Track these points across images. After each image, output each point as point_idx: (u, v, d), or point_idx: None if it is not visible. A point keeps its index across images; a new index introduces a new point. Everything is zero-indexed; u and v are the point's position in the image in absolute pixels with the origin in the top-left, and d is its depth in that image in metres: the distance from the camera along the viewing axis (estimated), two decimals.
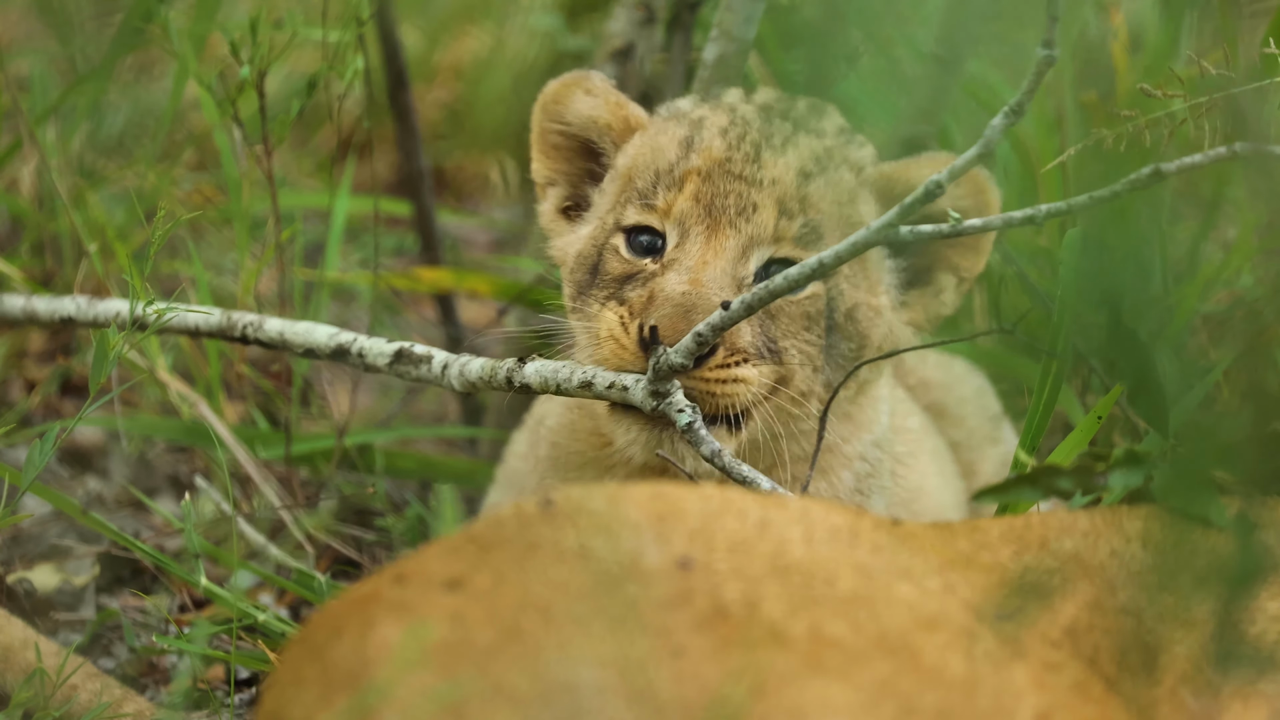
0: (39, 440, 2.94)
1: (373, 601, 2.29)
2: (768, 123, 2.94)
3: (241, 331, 3.12)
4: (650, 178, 2.92)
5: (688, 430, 2.75)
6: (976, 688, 2.23)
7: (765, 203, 2.88)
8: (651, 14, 3.64)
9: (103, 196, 3.91)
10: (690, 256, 2.85)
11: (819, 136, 2.96)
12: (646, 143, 2.97)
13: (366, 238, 3.95)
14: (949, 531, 2.49)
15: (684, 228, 2.87)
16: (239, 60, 3.36)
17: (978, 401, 3.37)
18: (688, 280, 2.82)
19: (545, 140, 3.05)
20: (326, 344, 3.07)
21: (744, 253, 2.86)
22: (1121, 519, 2.51)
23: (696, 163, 2.90)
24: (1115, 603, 2.41)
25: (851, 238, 2.66)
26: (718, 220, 2.87)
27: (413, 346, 3.01)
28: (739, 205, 2.87)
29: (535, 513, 2.34)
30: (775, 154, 2.91)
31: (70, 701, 3.01)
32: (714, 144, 2.91)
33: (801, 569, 2.30)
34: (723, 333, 2.73)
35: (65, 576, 3.45)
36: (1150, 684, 2.35)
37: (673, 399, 2.76)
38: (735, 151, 2.90)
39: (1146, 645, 2.37)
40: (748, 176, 2.89)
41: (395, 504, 3.68)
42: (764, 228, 2.87)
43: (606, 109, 3.02)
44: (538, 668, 2.17)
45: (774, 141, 2.92)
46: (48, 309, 3.28)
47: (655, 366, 2.74)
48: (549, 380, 2.83)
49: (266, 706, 2.31)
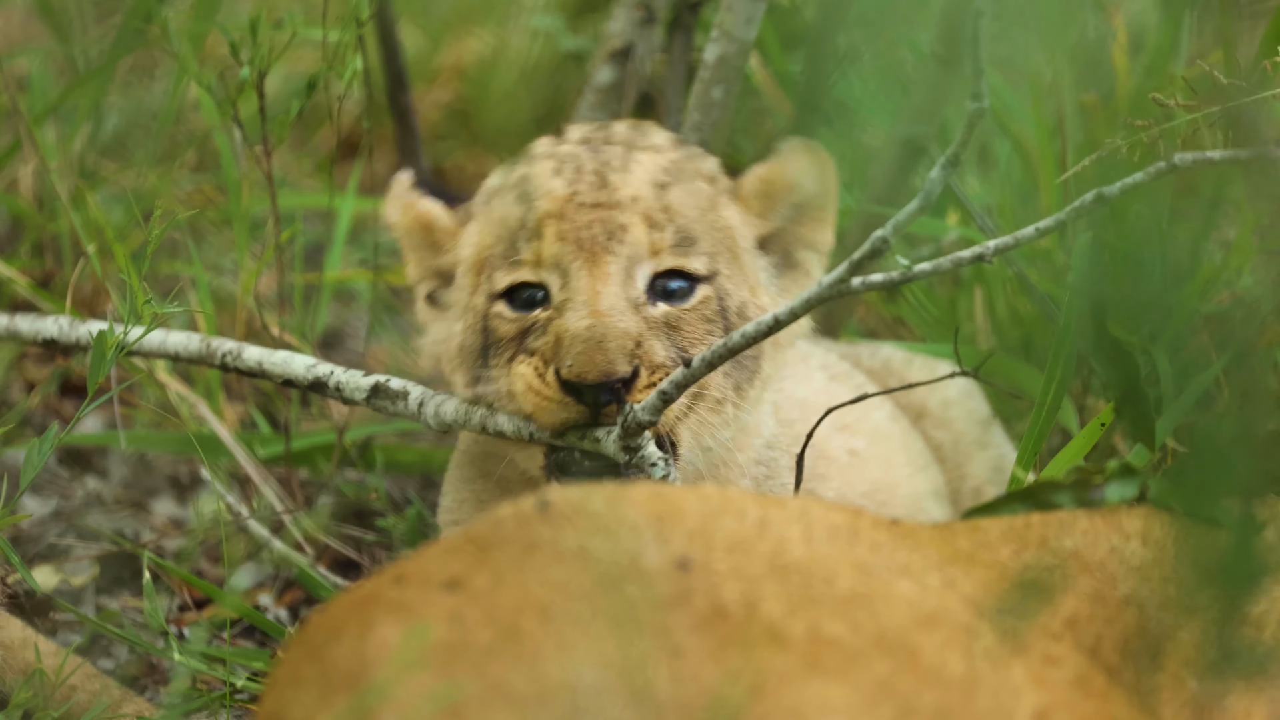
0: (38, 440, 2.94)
1: (372, 602, 2.29)
2: (595, 152, 2.93)
3: (221, 360, 3.11)
4: (503, 242, 2.90)
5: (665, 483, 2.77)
6: (975, 687, 2.23)
7: (632, 221, 2.86)
8: (652, 14, 3.64)
9: (102, 197, 3.91)
10: (580, 291, 2.82)
11: (657, 151, 2.95)
12: (486, 225, 2.95)
13: (366, 238, 3.95)
14: (948, 531, 2.49)
15: (561, 268, 2.85)
16: (239, 61, 3.35)
17: (964, 404, 3.37)
18: (588, 314, 2.80)
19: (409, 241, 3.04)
20: (304, 375, 3.06)
21: (628, 274, 2.84)
22: (1121, 518, 2.51)
23: (546, 207, 2.87)
24: (1116, 594, 2.41)
25: (804, 293, 2.68)
26: (592, 251, 2.84)
27: (389, 381, 3.00)
28: (607, 230, 2.85)
29: (534, 513, 2.34)
30: (621, 174, 2.90)
31: (70, 702, 3.01)
32: (553, 185, 2.89)
33: (800, 568, 2.30)
34: (684, 390, 2.73)
35: (64, 577, 3.45)
36: (1153, 669, 2.35)
37: (645, 452, 2.77)
38: (578, 184, 2.88)
39: (1149, 632, 2.37)
40: (604, 202, 2.87)
41: (395, 504, 3.67)
42: (639, 245, 2.86)
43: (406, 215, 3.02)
44: (537, 668, 2.17)
45: (614, 165, 2.91)
46: (30, 329, 3.26)
47: (624, 424, 2.74)
48: (521, 428, 2.84)
49: (266, 707, 2.31)
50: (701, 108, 3.46)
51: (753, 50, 3.49)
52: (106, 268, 3.58)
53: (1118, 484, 2.56)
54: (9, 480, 3.06)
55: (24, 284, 3.68)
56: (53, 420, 3.71)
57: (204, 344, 3.13)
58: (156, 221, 2.96)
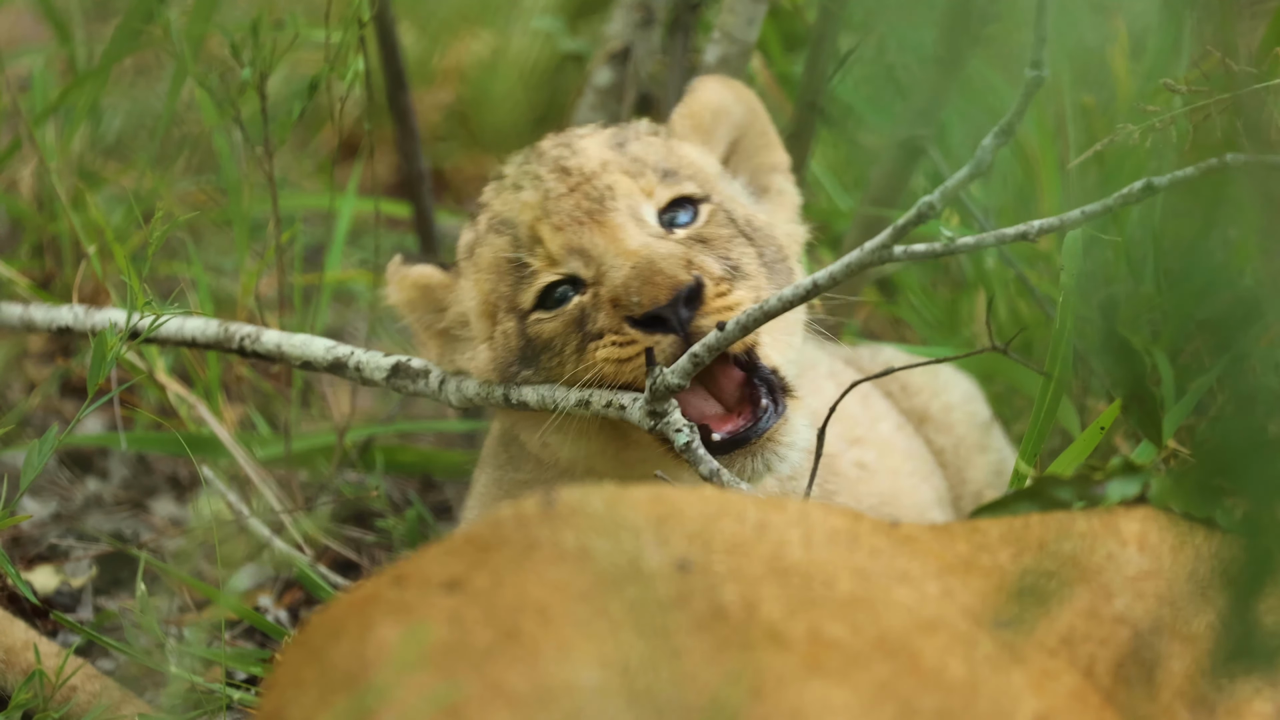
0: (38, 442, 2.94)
1: (372, 603, 2.29)
2: (539, 161, 2.94)
3: (239, 344, 3.12)
4: (509, 273, 2.91)
5: (685, 450, 2.75)
6: (976, 690, 2.23)
7: (614, 179, 2.88)
8: (651, 15, 3.64)
9: (102, 198, 3.91)
10: (605, 251, 2.83)
11: (593, 135, 2.97)
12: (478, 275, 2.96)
13: (366, 239, 3.95)
14: (948, 533, 2.49)
15: (576, 248, 2.86)
16: (240, 62, 3.35)
17: (965, 408, 3.37)
18: (623, 259, 2.80)
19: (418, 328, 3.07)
20: (324, 357, 3.06)
21: (636, 219, 2.86)
22: (1119, 521, 2.51)
23: (530, 215, 2.89)
24: (1111, 610, 2.41)
25: (845, 258, 2.66)
26: (593, 218, 2.86)
27: (410, 361, 3.01)
28: (595, 197, 2.87)
29: (534, 514, 2.34)
30: (577, 156, 2.91)
31: (70, 703, 3.01)
32: (525, 198, 2.91)
33: (800, 571, 2.30)
34: (718, 354, 2.73)
35: (64, 578, 3.45)
36: (1146, 698, 2.35)
37: (670, 418, 2.76)
38: (546, 185, 2.90)
39: (1142, 658, 2.37)
40: (576, 183, 2.89)
41: (395, 504, 3.67)
42: (631, 194, 2.88)
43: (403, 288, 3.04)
44: (536, 669, 2.17)
45: (564, 157, 2.92)
46: (45, 318, 3.27)
47: (652, 387, 2.74)
48: (546, 398, 2.84)
49: (266, 707, 2.31)
50: None
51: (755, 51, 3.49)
52: (106, 269, 3.58)
53: (1120, 481, 2.56)
54: (9, 481, 3.06)
55: (24, 285, 3.68)
56: (53, 421, 3.71)
57: (222, 328, 3.14)
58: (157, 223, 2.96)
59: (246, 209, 3.63)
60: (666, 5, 3.65)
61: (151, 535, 3.58)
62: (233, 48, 3.35)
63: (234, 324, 3.14)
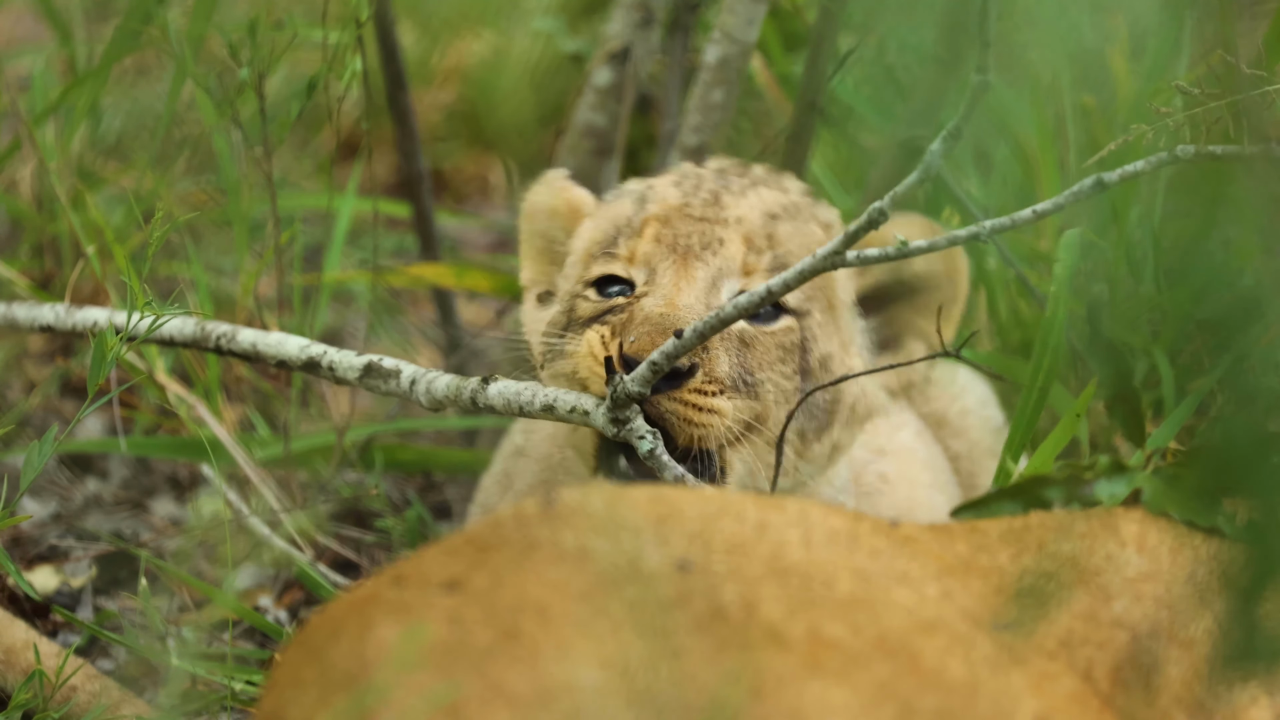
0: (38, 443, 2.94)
1: (371, 603, 2.29)
2: (721, 177, 2.97)
3: (215, 342, 3.12)
4: (607, 238, 2.94)
5: (649, 457, 2.75)
6: (976, 691, 2.23)
7: (731, 237, 2.89)
8: (650, 15, 3.64)
9: (102, 198, 3.91)
10: (663, 286, 2.85)
11: (783, 191, 2.97)
12: (599, 219, 2.99)
13: (366, 239, 3.95)
14: (947, 534, 2.49)
15: (651, 266, 2.89)
16: (238, 62, 3.35)
17: (980, 413, 3.37)
18: (664, 303, 2.82)
19: (530, 245, 3.09)
20: (298, 356, 3.06)
21: (714, 283, 2.87)
22: (1118, 522, 2.51)
23: (654, 210, 2.92)
24: (1110, 614, 2.41)
25: (798, 265, 2.65)
26: (685, 255, 2.88)
27: (381, 360, 3.00)
28: (704, 241, 2.89)
29: (534, 514, 2.34)
30: (736, 197, 2.93)
31: (70, 703, 3.01)
32: (668, 193, 2.94)
33: (800, 571, 2.30)
34: (675, 361, 2.72)
35: (64, 578, 3.45)
36: (1145, 703, 2.35)
37: (633, 425, 2.76)
38: (693, 198, 2.93)
39: (1140, 663, 2.37)
40: (710, 217, 2.91)
41: (395, 504, 3.67)
42: (732, 260, 2.88)
43: (556, 196, 3.05)
44: (536, 669, 2.17)
45: (733, 189, 2.94)
46: (27, 316, 3.27)
47: (613, 394, 2.74)
48: (512, 402, 2.84)
49: (265, 707, 2.31)
50: (702, 109, 3.46)
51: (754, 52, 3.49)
52: (106, 269, 3.58)
53: (1108, 481, 2.56)
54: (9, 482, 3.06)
55: (24, 285, 3.68)
56: (53, 421, 3.71)
57: (199, 327, 3.14)
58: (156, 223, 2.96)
59: (246, 209, 3.63)
60: (666, 5, 3.65)
61: (151, 535, 3.58)
62: (231, 48, 3.35)
63: (210, 323, 3.13)
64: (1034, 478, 2.57)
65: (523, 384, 2.85)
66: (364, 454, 3.67)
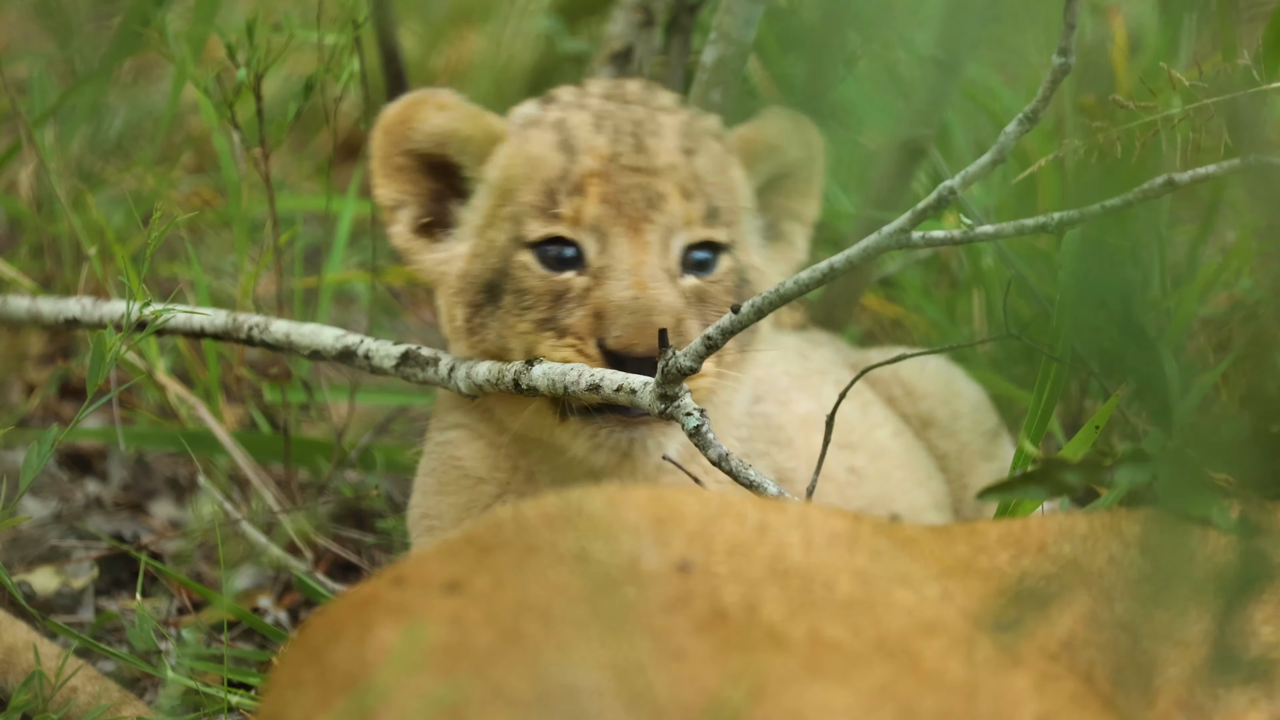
0: (37, 443, 2.94)
1: (371, 604, 2.29)
2: (625, 110, 2.94)
3: (247, 333, 3.13)
4: (539, 189, 2.91)
5: (695, 434, 2.75)
6: (977, 692, 2.23)
7: (669, 190, 2.89)
8: (650, 16, 3.64)
9: (102, 199, 3.91)
10: (622, 260, 2.85)
11: (673, 112, 2.97)
12: (516, 153, 2.95)
13: (365, 240, 3.95)
14: (947, 535, 2.49)
15: (601, 232, 2.87)
16: (236, 63, 3.35)
17: (972, 416, 3.38)
18: (631, 284, 2.82)
19: (390, 163, 3.01)
20: (333, 346, 3.07)
21: (665, 244, 2.87)
22: (1120, 522, 2.51)
23: (590, 164, 2.89)
24: (1111, 616, 2.41)
25: (862, 243, 2.64)
26: (633, 218, 2.87)
27: (419, 349, 3.01)
28: (647, 198, 2.88)
29: (534, 516, 2.34)
30: (656, 138, 2.91)
31: (70, 704, 3.01)
32: (596, 142, 2.91)
33: (800, 573, 2.30)
34: (732, 336, 2.73)
35: (64, 579, 3.45)
36: (1145, 705, 2.35)
37: (681, 402, 2.76)
38: (620, 145, 2.90)
39: (1141, 666, 2.37)
40: (644, 167, 2.89)
41: (395, 504, 3.67)
42: (674, 215, 2.88)
43: (467, 121, 2.99)
44: (537, 670, 2.16)
45: (646, 127, 2.92)
46: (53, 310, 3.28)
47: (664, 369, 2.73)
48: (556, 382, 2.83)
49: (265, 709, 2.31)
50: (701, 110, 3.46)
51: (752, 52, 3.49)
52: (106, 270, 3.58)
53: (1129, 468, 2.55)
54: (9, 482, 3.06)
55: (27, 285, 3.68)
56: (52, 422, 3.71)
57: (230, 318, 3.14)
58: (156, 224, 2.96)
59: (245, 210, 3.63)
60: (665, 6, 3.65)
61: (151, 537, 3.58)
62: (229, 49, 3.35)
63: (242, 314, 3.15)
64: (1055, 462, 2.55)
65: (567, 365, 2.83)
66: (364, 454, 3.67)
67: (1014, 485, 2.57)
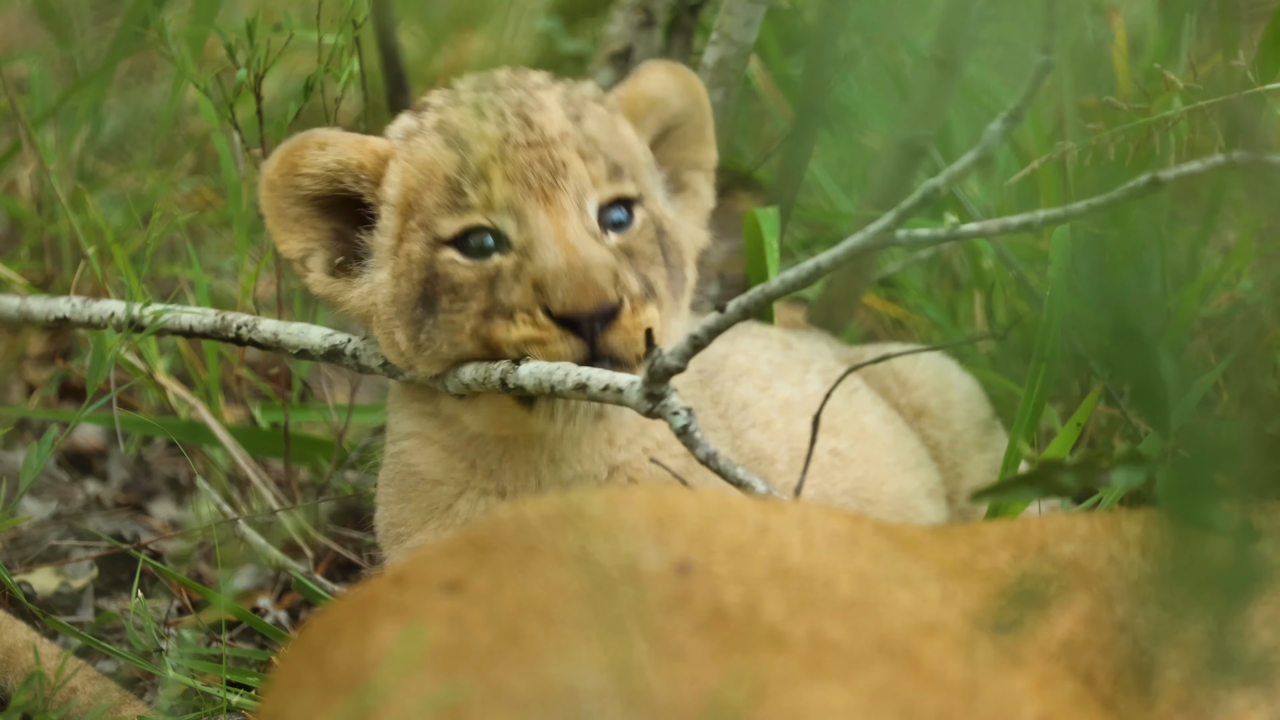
0: (37, 443, 2.94)
1: (371, 604, 2.29)
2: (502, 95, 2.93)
3: (236, 332, 3.12)
4: (442, 188, 2.89)
5: (682, 433, 2.75)
6: (977, 693, 2.23)
7: (568, 156, 2.88)
8: (650, 17, 3.64)
9: (102, 199, 3.91)
10: (544, 230, 2.84)
11: (548, 88, 2.97)
12: (409, 164, 2.92)
13: None
14: (948, 536, 2.49)
15: (515, 210, 2.86)
16: (236, 63, 3.35)
17: (966, 407, 3.38)
18: (560, 249, 2.82)
19: (285, 216, 2.97)
20: (320, 345, 3.06)
21: (580, 208, 2.87)
22: (1121, 523, 2.51)
23: (484, 150, 2.88)
24: (1112, 617, 2.41)
25: (847, 241, 2.64)
26: (540, 189, 2.86)
27: None
28: (549, 168, 2.87)
29: (534, 516, 2.34)
30: (540, 112, 2.91)
31: (70, 704, 3.01)
32: (486, 128, 2.90)
33: (801, 573, 2.30)
34: (718, 335, 2.73)
35: (64, 579, 3.45)
36: (1145, 707, 2.35)
37: (668, 401, 2.76)
38: (508, 126, 2.89)
39: (1141, 667, 2.37)
40: (537, 141, 2.88)
41: None
42: (581, 179, 2.88)
43: (352, 150, 2.96)
44: (537, 670, 2.16)
45: (528, 104, 2.92)
46: (43, 309, 3.27)
47: (651, 370, 2.73)
48: (543, 382, 2.83)
49: (265, 709, 2.31)
50: None
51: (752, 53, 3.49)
52: (106, 270, 3.58)
53: (1124, 470, 2.55)
54: (9, 482, 3.06)
55: (25, 286, 3.68)
56: (52, 423, 3.71)
57: (219, 317, 3.14)
58: (156, 224, 2.96)
59: (245, 210, 3.63)
60: (666, 6, 3.65)
61: (151, 537, 3.58)
62: (229, 49, 3.35)
63: (230, 313, 3.14)
64: (1050, 463, 2.54)
65: (554, 364, 2.83)
66: (364, 453, 3.67)
67: (1008, 487, 2.57)
